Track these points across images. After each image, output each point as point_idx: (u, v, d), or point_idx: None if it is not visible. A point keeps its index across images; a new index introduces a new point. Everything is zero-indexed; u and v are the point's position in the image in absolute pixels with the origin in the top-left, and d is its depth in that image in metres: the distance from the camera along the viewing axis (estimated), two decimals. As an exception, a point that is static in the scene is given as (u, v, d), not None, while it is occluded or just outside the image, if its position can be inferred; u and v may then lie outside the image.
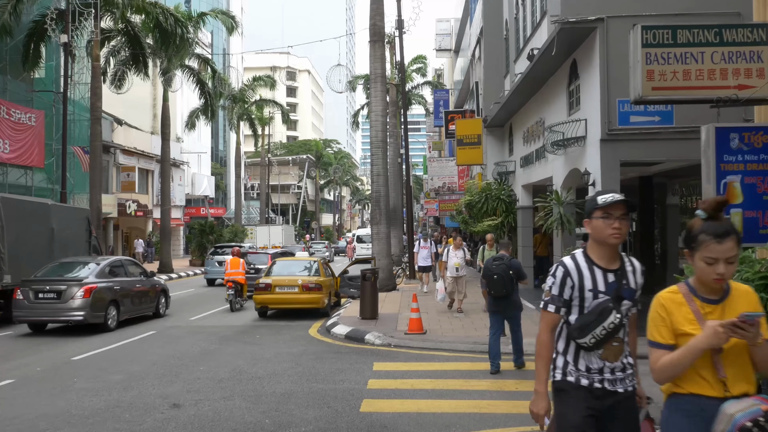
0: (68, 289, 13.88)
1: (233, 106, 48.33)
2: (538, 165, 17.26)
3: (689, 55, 6.59)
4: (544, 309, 3.53)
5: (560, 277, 3.45)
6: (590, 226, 3.41)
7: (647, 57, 6.73)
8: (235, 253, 19.27)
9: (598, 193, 3.41)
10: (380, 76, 20.75)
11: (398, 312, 15.77)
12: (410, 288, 21.91)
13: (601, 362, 3.43)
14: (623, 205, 3.33)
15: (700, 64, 6.59)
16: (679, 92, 6.75)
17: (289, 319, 16.03)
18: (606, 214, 3.32)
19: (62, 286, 13.97)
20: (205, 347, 12.26)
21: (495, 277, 9.43)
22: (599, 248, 3.42)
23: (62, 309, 13.80)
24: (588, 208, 3.41)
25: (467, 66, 33.35)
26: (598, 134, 11.82)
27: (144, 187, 45.16)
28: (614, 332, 3.36)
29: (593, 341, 3.37)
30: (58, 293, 13.88)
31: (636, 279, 3.50)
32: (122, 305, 14.95)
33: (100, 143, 27.17)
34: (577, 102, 13.51)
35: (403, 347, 11.84)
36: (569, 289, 3.43)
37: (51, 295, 13.89)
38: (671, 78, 6.66)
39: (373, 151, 20.93)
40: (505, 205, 20.99)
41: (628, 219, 3.38)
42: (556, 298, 3.46)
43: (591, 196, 3.46)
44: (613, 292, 3.40)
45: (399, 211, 37.45)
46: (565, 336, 3.52)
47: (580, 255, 3.50)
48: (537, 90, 16.88)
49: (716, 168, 6.39)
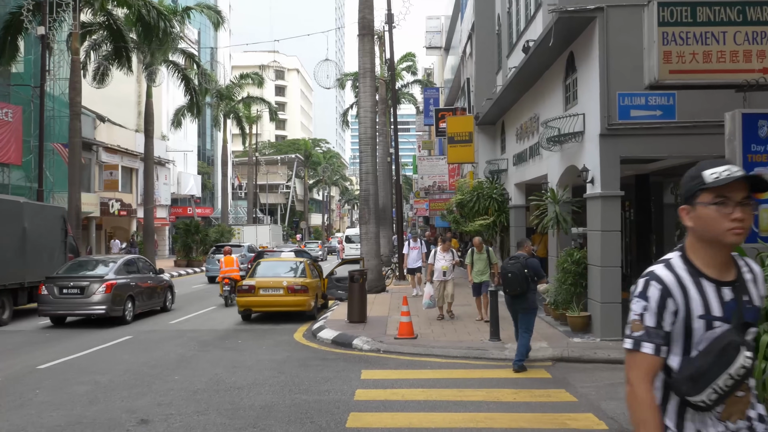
0: (90, 285, 14.97)
1: (219, 104, 47.49)
2: (532, 163, 16.67)
3: (710, 35, 6.00)
4: (634, 350, 2.36)
5: (656, 300, 2.34)
6: (692, 216, 2.37)
7: (664, 37, 6.11)
8: (227, 252, 20.41)
9: (701, 166, 2.36)
10: (369, 71, 20.12)
11: (388, 315, 15.14)
12: (400, 289, 21.29)
13: (720, 425, 2.35)
14: (746, 183, 2.30)
15: (721, 44, 6.00)
16: (698, 76, 6.15)
17: (273, 323, 15.37)
18: (721, 199, 2.28)
19: (85, 282, 15.06)
20: (183, 353, 11.57)
21: (509, 275, 9.45)
22: (708, 250, 2.36)
23: (85, 303, 14.92)
24: (689, 188, 2.36)
25: (458, 64, 32.78)
26: (597, 129, 11.23)
27: (128, 186, 44.27)
28: (743, 379, 2.29)
29: (714, 397, 2.28)
30: (81, 289, 14.98)
31: (759, 291, 2.45)
32: (137, 300, 16.07)
33: (79, 140, 26.35)
34: (574, 96, 12.94)
35: (392, 353, 11.21)
36: (671, 316, 2.33)
37: (75, 290, 14.99)
38: (690, 60, 6.06)
39: (361, 148, 20.30)
40: (497, 204, 20.38)
41: (752, 206, 2.33)
42: (653, 332, 2.33)
43: (692, 171, 2.39)
44: (734, 317, 2.32)
45: (388, 211, 36.84)
46: (662, 388, 2.41)
47: (678, 261, 2.42)
48: (531, 85, 16.29)
49: (743, 159, 5.79)
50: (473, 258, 13.83)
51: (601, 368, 9.84)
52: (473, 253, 13.90)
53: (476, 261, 13.79)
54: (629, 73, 11.11)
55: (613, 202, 11.23)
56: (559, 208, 12.95)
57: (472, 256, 13.88)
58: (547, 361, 10.28)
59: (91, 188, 39.18)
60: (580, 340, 11.23)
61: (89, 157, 38.98)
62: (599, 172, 11.26)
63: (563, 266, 12.21)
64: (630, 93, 11.03)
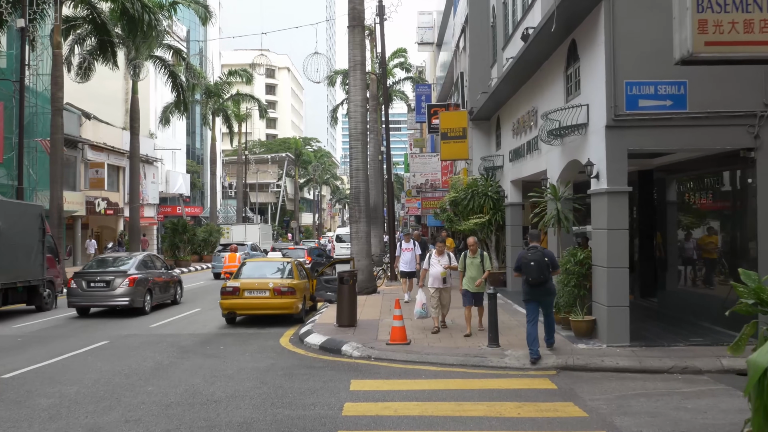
0: (115, 279, 16.65)
1: (208, 101, 46.61)
2: (530, 158, 15.98)
3: (751, 1, 5.29)
4: None
5: None
6: None
7: (698, 3, 5.39)
8: (233, 249, 27.11)
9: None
10: (359, 63, 19.37)
11: (379, 318, 14.40)
12: (392, 290, 20.56)
13: None
14: None
15: (764, 12, 5.30)
16: (738, 48, 5.41)
17: (259, 326, 14.60)
18: None
19: (110, 276, 16.72)
20: (160, 361, 10.80)
21: (532, 263, 9.80)
22: None
23: (111, 296, 16.56)
24: None
25: (450, 59, 32.08)
26: (602, 120, 10.53)
27: (115, 185, 43.31)
28: None
29: None
30: (107, 282, 16.65)
31: None
32: (154, 293, 17.63)
33: (61, 136, 25.49)
34: (576, 86, 12.24)
35: (384, 360, 10.48)
36: None
37: (101, 284, 16.68)
38: (729, 30, 5.34)
39: (352, 144, 19.54)
40: (492, 202, 19.71)
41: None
42: None
43: None
44: None
45: (380, 210, 36.10)
46: None
47: None
48: (529, 76, 15.60)
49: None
50: (465, 262, 12.05)
51: (610, 377, 9.15)
52: (466, 257, 12.09)
53: (469, 266, 11.99)
54: (637, 60, 10.45)
55: (620, 198, 10.53)
56: (560, 205, 12.24)
57: (464, 260, 12.07)
58: (550, 369, 9.57)
59: (77, 186, 38.24)
60: (585, 346, 10.53)
61: (74, 154, 38.05)
62: (605, 166, 10.55)
63: (566, 267, 11.50)
64: (638, 82, 10.36)
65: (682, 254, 13.98)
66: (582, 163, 11.88)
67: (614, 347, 10.35)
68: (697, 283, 13.41)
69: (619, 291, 10.46)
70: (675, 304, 13.77)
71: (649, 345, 10.45)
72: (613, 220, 10.47)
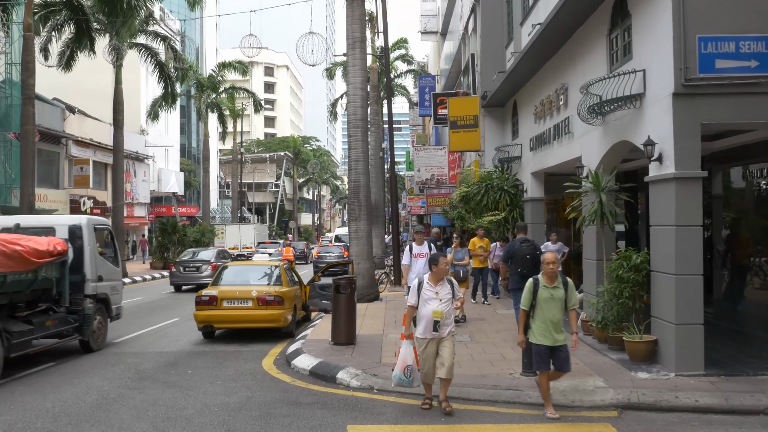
0: (202, 265, 23.89)
1: (200, 95, 44.34)
2: (557, 145, 13.72)
3: None
4: None
5: None
6: None
7: None
8: (288, 245, 29.49)
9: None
10: (359, 40, 17.10)
11: (383, 333, 12.13)
12: (396, 296, 18.27)
13: None
14: None
15: None
16: None
17: (241, 342, 12.34)
18: None
19: (198, 263, 24.08)
20: (107, 393, 8.53)
21: (528, 257, 10.37)
22: None
23: (199, 276, 23.43)
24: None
25: (457, 48, 29.75)
26: (668, 87, 8.28)
27: (102, 183, 40.98)
28: None
29: None
30: (197, 267, 23.93)
31: None
32: None
33: (33, 127, 23.24)
34: (625, 50, 9.98)
35: (390, 393, 8.22)
36: None
37: (193, 268, 24.00)
38: None
39: (350, 131, 17.27)
40: (509, 198, 17.44)
41: None
42: None
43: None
44: None
45: (381, 209, 33.87)
46: None
47: None
48: (557, 48, 13.33)
49: None
50: (538, 296, 7.19)
51: (691, 421, 6.89)
52: (536, 287, 7.22)
53: (545, 302, 7.17)
54: (712, 10, 8.19)
55: (692, 186, 8.25)
56: (604, 197, 9.96)
57: (533, 291, 7.23)
58: (610, 409, 7.30)
59: (60, 184, 36.01)
60: (647, 375, 8.23)
61: (57, 150, 35.83)
62: (671, 145, 8.27)
63: (616, 273, 9.23)
64: (715, 37, 8.10)
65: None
66: (633, 144, 9.64)
67: (685, 377, 8.08)
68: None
69: (691, 304, 8.18)
70: (735, 317, 11.50)
71: (729, 374, 8.16)
72: (683, 214, 8.19)
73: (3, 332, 9.35)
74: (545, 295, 7.13)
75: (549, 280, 7.18)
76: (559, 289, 7.15)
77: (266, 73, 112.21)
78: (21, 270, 9.65)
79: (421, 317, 7.33)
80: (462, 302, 7.45)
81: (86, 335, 11.43)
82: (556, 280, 7.18)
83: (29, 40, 23.25)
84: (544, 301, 7.12)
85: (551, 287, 7.15)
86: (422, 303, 7.30)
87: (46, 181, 34.25)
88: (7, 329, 9.49)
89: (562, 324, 7.24)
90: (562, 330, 7.23)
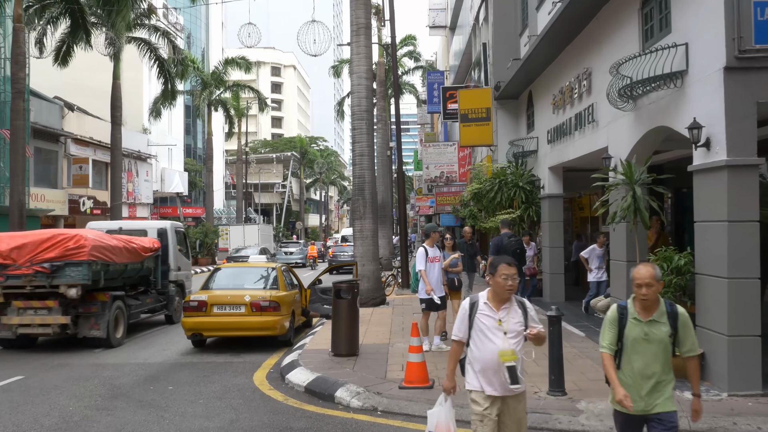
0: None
1: (201, 92, 43.35)
2: (579, 136, 12.57)
3: None
4: None
5: None
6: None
7: None
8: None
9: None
10: (364, 26, 16.00)
11: (389, 342, 11.00)
12: (404, 301, 17.16)
13: None
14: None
15: None
16: None
17: (233, 351, 11.25)
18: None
19: (245, 257, 30.68)
20: (70, 414, 7.44)
21: (518, 251, 11.36)
22: None
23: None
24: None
25: (466, 42, 28.62)
26: (717, 61, 7.14)
27: (103, 183, 39.96)
28: None
29: None
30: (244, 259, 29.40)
31: None
32: None
33: (23, 122, 22.20)
34: (662, 24, 8.84)
35: (397, 415, 7.11)
36: None
37: (242, 259, 29.63)
38: None
39: (355, 124, 16.16)
40: (524, 194, 16.32)
41: None
42: None
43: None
44: None
45: (388, 208, 32.77)
46: None
47: None
48: (579, 30, 12.20)
49: None
50: (625, 338, 4.37)
51: (758, 455, 5.72)
52: (622, 320, 4.41)
53: (636, 347, 4.32)
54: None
55: (748, 175, 7.09)
56: (638, 190, 8.79)
57: (620, 328, 4.40)
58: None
59: (58, 184, 35.03)
60: (697, 395, 7.05)
61: (56, 149, 34.88)
62: (723, 127, 7.12)
63: (655, 276, 8.07)
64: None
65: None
66: (670, 131, 8.48)
67: (740, 397, 6.92)
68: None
69: (746, 313, 7.03)
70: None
71: None
72: (736, 208, 7.04)
73: (125, 305, 12.60)
74: (636, 333, 4.28)
75: (643, 310, 4.27)
76: (660, 325, 4.25)
77: (273, 73, 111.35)
78: (135, 261, 13.35)
79: (476, 360, 4.54)
80: (541, 336, 4.44)
81: (171, 311, 15.04)
82: (656, 310, 4.26)
83: (19, 32, 22.22)
84: (634, 344, 4.29)
85: (646, 321, 4.26)
86: (478, 337, 4.53)
87: (44, 181, 33.34)
88: (128, 303, 12.81)
89: (665, 378, 4.29)
90: (667, 389, 4.31)
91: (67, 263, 11.24)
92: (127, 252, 12.79)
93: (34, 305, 11.42)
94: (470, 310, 4.57)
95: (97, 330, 11.62)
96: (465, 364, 4.64)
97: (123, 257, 12.59)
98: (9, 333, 11.43)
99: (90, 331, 11.63)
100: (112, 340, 11.82)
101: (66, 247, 11.29)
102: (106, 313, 11.70)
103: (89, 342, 11.77)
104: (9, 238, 11.91)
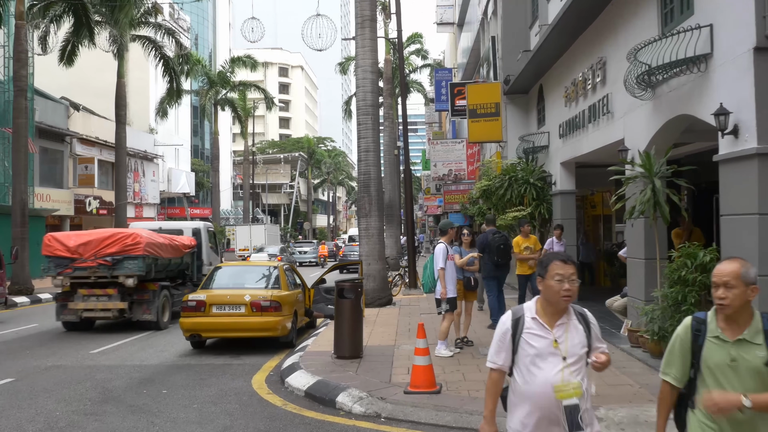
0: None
1: (206, 92, 43.01)
2: (593, 128, 12.08)
3: None
4: None
5: None
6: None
7: None
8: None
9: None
10: (368, 19, 15.57)
11: (394, 344, 10.53)
12: (410, 301, 16.70)
13: None
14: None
15: None
16: None
17: (233, 353, 10.82)
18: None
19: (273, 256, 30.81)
20: (56, 419, 7.01)
21: (502, 246, 10.71)
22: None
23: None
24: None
25: (476, 34, 28.14)
26: (747, 41, 6.65)
27: (109, 182, 39.70)
28: None
29: None
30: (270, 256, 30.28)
31: None
32: None
33: (25, 120, 21.96)
34: (683, 6, 8.34)
35: (402, 422, 6.64)
36: None
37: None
38: None
39: (360, 119, 15.73)
40: (535, 191, 15.83)
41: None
42: None
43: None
44: None
45: (395, 207, 32.29)
46: None
47: None
48: (593, 19, 11.71)
49: None
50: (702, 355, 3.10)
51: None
52: (703, 337, 3.12)
53: (723, 374, 3.05)
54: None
55: (780, 163, 6.60)
56: (658, 183, 8.30)
57: (694, 351, 3.14)
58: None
59: (64, 184, 34.76)
60: (726, 402, 6.55)
61: (61, 149, 34.63)
62: (753, 113, 6.62)
63: (678, 275, 7.57)
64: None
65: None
66: (692, 120, 7.98)
67: None
68: None
69: (779, 313, 6.52)
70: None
71: None
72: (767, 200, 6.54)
73: (170, 295, 14.16)
74: (718, 357, 3.05)
75: (728, 325, 3.05)
76: (753, 347, 3.00)
77: (281, 74, 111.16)
78: (177, 256, 15.09)
79: (522, 398, 3.27)
80: (607, 364, 3.26)
81: None
82: (748, 325, 3.03)
83: (21, 30, 21.98)
84: (716, 372, 3.06)
85: (733, 341, 3.03)
86: (524, 365, 3.27)
87: (50, 180, 33.10)
88: (171, 293, 14.25)
89: (762, 424, 3.00)
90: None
91: (126, 257, 13.03)
92: (172, 248, 14.61)
93: (96, 293, 13.18)
94: (513, 329, 3.30)
95: (148, 314, 13.38)
96: (508, 396, 3.37)
97: (168, 253, 14.37)
98: (74, 317, 13.15)
99: (143, 315, 13.37)
100: (161, 324, 13.58)
101: (125, 244, 13.07)
102: (155, 300, 13.45)
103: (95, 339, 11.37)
104: (76, 236, 13.71)
